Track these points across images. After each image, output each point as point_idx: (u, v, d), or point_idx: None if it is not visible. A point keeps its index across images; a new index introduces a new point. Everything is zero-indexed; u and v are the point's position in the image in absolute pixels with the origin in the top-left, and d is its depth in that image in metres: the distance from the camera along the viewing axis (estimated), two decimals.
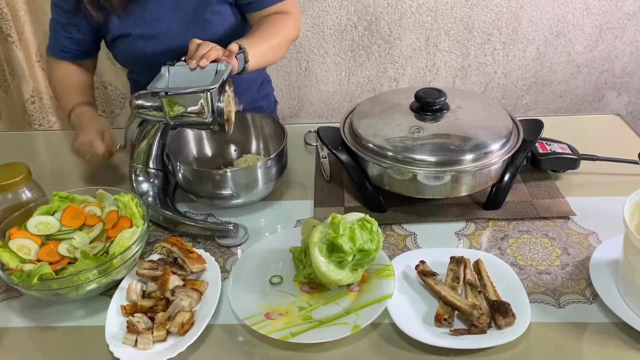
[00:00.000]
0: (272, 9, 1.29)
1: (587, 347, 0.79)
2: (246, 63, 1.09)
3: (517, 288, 0.85)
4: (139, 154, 1.09)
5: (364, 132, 1.06)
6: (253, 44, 1.13)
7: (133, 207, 0.95)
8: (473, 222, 1.04)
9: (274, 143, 1.21)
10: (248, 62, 1.10)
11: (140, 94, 1.02)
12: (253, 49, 1.11)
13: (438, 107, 1.07)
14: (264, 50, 1.16)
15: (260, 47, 1.15)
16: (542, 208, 1.05)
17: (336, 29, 2.19)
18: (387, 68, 2.29)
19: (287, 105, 2.39)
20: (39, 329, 0.87)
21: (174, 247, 0.93)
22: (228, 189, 1.04)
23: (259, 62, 1.14)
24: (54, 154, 1.45)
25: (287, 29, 1.26)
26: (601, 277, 0.86)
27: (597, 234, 0.99)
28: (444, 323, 0.80)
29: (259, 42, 1.16)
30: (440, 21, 2.18)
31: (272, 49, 1.20)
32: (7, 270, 0.87)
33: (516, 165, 1.05)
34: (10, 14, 1.99)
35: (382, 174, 1.03)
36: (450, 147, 1.00)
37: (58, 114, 2.30)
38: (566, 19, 2.19)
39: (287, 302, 0.87)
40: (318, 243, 0.83)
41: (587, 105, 2.43)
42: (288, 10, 1.30)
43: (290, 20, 1.29)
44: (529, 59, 2.29)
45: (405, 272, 0.91)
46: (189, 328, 0.81)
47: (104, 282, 0.87)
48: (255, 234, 1.04)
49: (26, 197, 1.01)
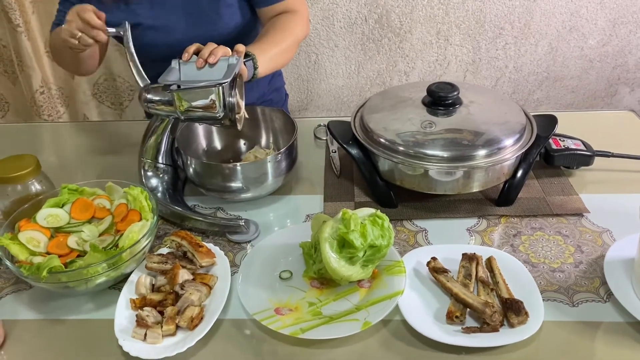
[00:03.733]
0: (282, 5, 1.28)
1: (600, 346, 0.77)
2: (255, 70, 1.09)
3: (529, 286, 0.84)
4: (148, 149, 1.09)
5: (375, 127, 1.05)
6: (262, 50, 1.12)
7: (142, 200, 0.95)
8: (485, 218, 1.03)
9: (283, 137, 1.20)
10: (257, 68, 1.09)
11: (150, 87, 1.01)
12: (262, 55, 1.11)
13: (451, 102, 1.05)
14: (274, 55, 1.16)
15: (270, 52, 1.14)
16: (555, 205, 1.04)
17: (346, 22, 2.18)
18: (397, 62, 2.27)
19: (296, 98, 2.38)
20: (48, 321, 0.86)
21: (184, 241, 0.92)
22: (238, 182, 1.03)
23: (268, 68, 1.14)
24: (63, 147, 1.45)
25: (296, 30, 1.25)
26: (616, 275, 0.85)
27: (611, 232, 0.98)
28: (455, 320, 0.80)
29: (268, 48, 1.15)
30: (451, 14, 2.15)
31: (281, 52, 1.19)
32: (16, 262, 0.87)
33: (529, 161, 1.03)
34: (17, 3, 1.99)
35: (393, 169, 1.02)
36: (462, 142, 0.99)
37: (66, 104, 2.31)
38: (579, 13, 2.16)
39: (296, 298, 0.86)
40: (329, 238, 0.83)
41: (600, 100, 2.41)
42: (297, 9, 1.29)
43: (299, 20, 1.28)
44: (541, 54, 2.26)
45: (416, 268, 0.90)
46: (198, 322, 0.80)
47: (113, 275, 0.87)
48: (264, 228, 1.03)
49: (35, 189, 1.01)
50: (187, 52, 0.99)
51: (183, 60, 0.98)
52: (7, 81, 2.27)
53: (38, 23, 2.08)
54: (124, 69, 2.22)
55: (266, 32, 1.23)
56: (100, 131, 1.47)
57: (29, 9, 2.03)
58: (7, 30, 2.06)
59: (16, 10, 1.99)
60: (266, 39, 1.19)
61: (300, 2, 1.31)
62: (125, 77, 2.25)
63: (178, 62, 0.99)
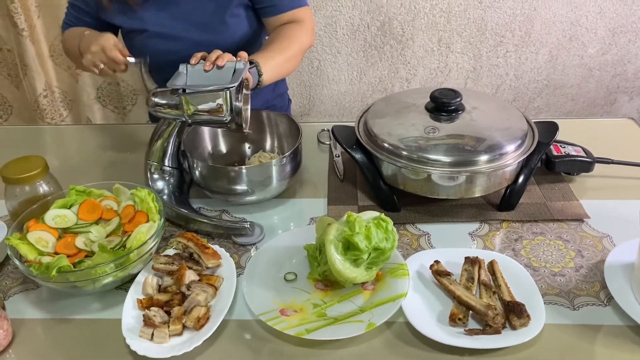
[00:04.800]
0: (288, 15, 1.30)
1: (601, 349, 0.79)
2: (260, 77, 1.10)
3: (531, 289, 0.86)
4: (154, 152, 1.10)
5: (379, 132, 1.06)
6: (267, 58, 1.14)
7: (150, 201, 0.96)
8: (487, 223, 1.04)
9: (288, 141, 1.21)
10: (262, 75, 1.10)
11: (157, 91, 1.02)
12: (267, 63, 1.12)
13: (454, 108, 1.07)
14: (278, 63, 1.17)
15: (274, 60, 1.16)
16: (556, 210, 1.05)
17: (349, 29, 2.20)
18: (399, 68, 2.29)
19: (298, 104, 2.39)
20: (56, 321, 0.87)
21: (190, 243, 0.93)
22: (243, 185, 1.05)
23: (273, 76, 1.15)
24: (68, 149, 1.46)
25: (301, 39, 1.27)
26: (616, 280, 0.86)
27: (611, 237, 0.99)
28: (458, 323, 0.81)
29: (273, 56, 1.17)
30: (453, 22, 2.18)
31: (285, 61, 1.21)
32: (25, 262, 0.88)
33: (531, 167, 1.05)
34: (22, 8, 2.01)
35: (397, 173, 1.04)
36: (465, 147, 1.01)
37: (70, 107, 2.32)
38: (579, 22, 2.18)
39: (301, 299, 0.87)
40: (334, 241, 0.84)
41: (599, 109, 2.43)
42: (303, 19, 1.31)
43: (304, 29, 1.29)
44: (542, 62, 2.28)
45: (419, 271, 0.91)
46: (204, 322, 0.81)
47: (120, 275, 0.88)
48: (269, 231, 1.04)
49: (43, 190, 1.02)
50: (195, 57, 1.01)
51: (191, 64, 1.00)
52: (11, 85, 2.29)
53: (43, 27, 2.10)
54: (127, 74, 2.23)
55: (271, 41, 1.25)
56: (105, 134, 1.49)
57: (35, 13, 2.05)
58: (12, 34, 2.08)
59: (21, 15, 2.01)
60: (271, 47, 1.21)
61: (305, 12, 1.33)
62: (128, 81, 2.27)
63: (186, 67, 1.01)
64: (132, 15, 1.27)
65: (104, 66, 1.11)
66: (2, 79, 2.27)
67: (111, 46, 1.09)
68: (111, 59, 1.09)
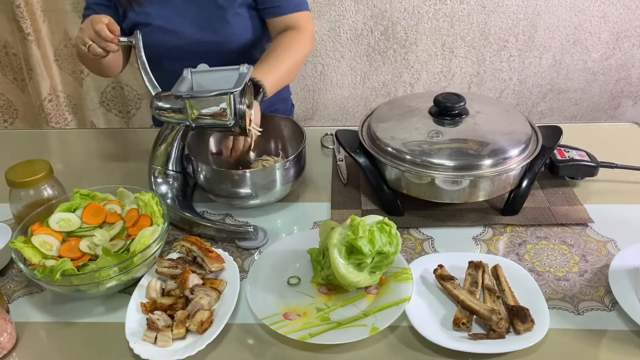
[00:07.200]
0: (289, 18, 1.32)
1: (605, 354, 0.78)
2: (263, 91, 1.14)
3: (535, 294, 0.85)
4: (158, 156, 1.10)
5: (382, 136, 1.06)
6: (268, 71, 1.17)
7: (153, 205, 0.96)
8: (491, 227, 1.04)
9: (291, 145, 1.22)
10: (264, 88, 1.14)
11: (161, 95, 1.03)
12: (268, 77, 1.15)
13: (457, 112, 1.07)
14: (281, 74, 1.21)
15: (276, 72, 1.19)
16: (560, 215, 1.05)
17: (352, 34, 2.20)
18: (402, 73, 2.29)
19: (302, 108, 2.40)
20: (59, 324, 0.88)
21: (194, 246, 0.94)
22: (247, 188, 1.05)
23: (275, 88, 1.18)
24: (72, 153, 1.46)
25: (302, 47, 1.30)
26: (620, 284, 0.86)
27: (615, 242, 0.99)
28: (462, 327, 0.80)
29: (275, 65, 1.20)
30: (456, 27, 2.18)
31: (288, 71, 1.24)
32: (29, 265, 0.88)
33: (534, 171, 1.05)
34: (28, 13, 2.02)
35: (400, 177, 1.04)
36: (469, 151, 1.00)
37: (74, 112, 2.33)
38: (583, 27, 2.18)
39: (305, 303, 0.87)
40: (337, 244, 0.84)
41: (603, 113, 2.42)
42: (304, 26, 1.33)
43: (304, 37, 1.32)
44: (545, 66, 2.28)
45: (423, 275, 0.91)
46: (208, 326, 0.81)
47: (124, 279, 0.88)
48: (272, 235, 1.04)
49: (47, 194, 1.02)
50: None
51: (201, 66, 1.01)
52: (16, 88, 2.29)
53: (48, 32, 2.11)
54: (132, 78, 2.24)
55: (272, 51, 1.27)
56: (109, 138, 1.49)
57: (40, 18, 2.06)
58: (18, 38, 2.09)
59: (27, 19, 2.02)
60: (272, 57, 1.23)
61: (306, 18, 1.35)
62: (132, 85, 2.28)
63: (190, 72, 1.01)
64: (136, 9, 1.29)
65: (91, 43, 1.07)
66: (8, 82, 2.28)
67: (98, 20, 1.06)
68: (96, 33, 1.06)
